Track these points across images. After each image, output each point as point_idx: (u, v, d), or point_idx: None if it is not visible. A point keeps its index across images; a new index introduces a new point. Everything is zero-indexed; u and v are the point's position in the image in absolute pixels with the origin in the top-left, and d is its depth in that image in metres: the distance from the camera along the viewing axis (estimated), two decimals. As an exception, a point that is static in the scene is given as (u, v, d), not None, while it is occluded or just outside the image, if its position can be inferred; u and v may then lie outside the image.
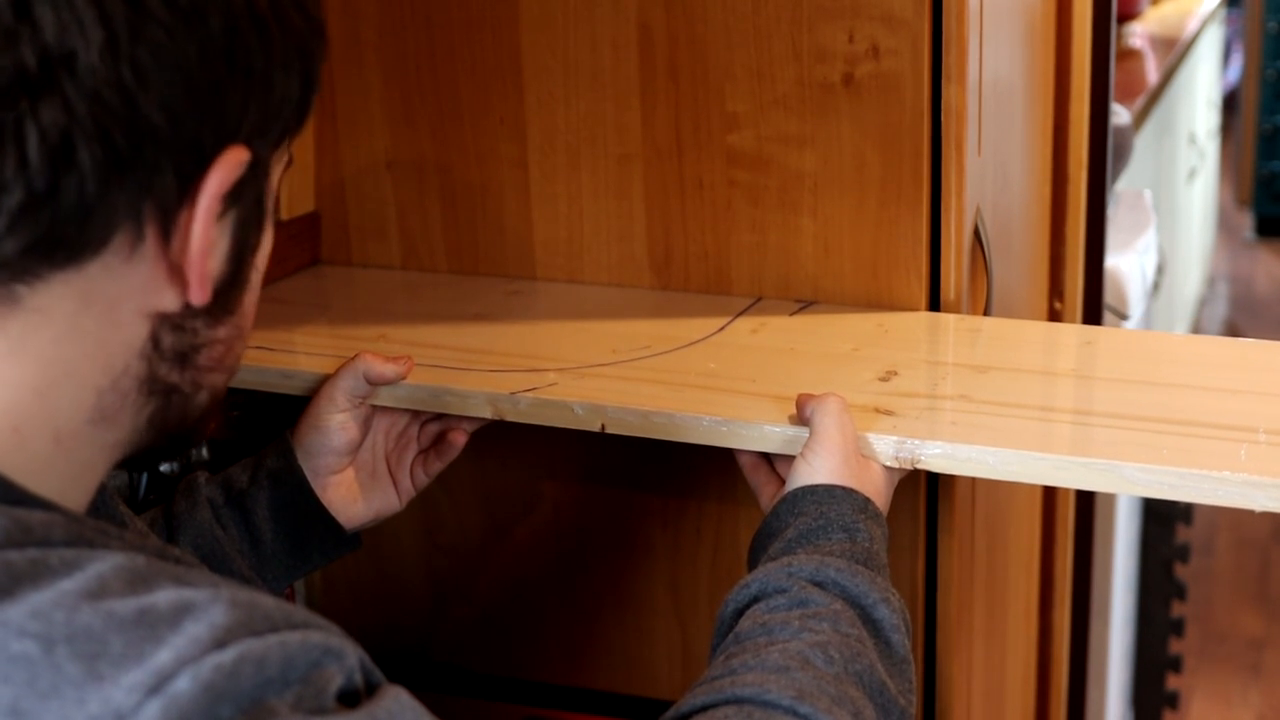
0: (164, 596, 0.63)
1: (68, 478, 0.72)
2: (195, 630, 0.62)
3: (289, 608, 0.66)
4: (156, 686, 0.60)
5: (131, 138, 0.65)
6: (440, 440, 1.17)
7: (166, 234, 0.69)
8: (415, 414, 1.16)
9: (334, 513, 1.11)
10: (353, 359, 1.11)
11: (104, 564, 0.64)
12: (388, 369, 1.10)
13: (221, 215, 0.71)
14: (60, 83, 0.63)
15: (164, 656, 0.61)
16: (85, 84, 0.63)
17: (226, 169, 0.69)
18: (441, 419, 1.16)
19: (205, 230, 0.69)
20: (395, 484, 1.15)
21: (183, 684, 0.60)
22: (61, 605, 0.61)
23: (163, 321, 0.72)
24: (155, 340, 0.72)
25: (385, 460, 1.15)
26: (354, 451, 1.12)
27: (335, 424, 1.10)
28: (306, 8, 0.72)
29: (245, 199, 0.73)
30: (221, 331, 0.75)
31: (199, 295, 0.71)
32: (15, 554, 0.63)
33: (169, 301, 0.71)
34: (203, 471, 1.11)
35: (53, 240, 0.65)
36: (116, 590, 0.63)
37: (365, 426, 1.12)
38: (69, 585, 0.62)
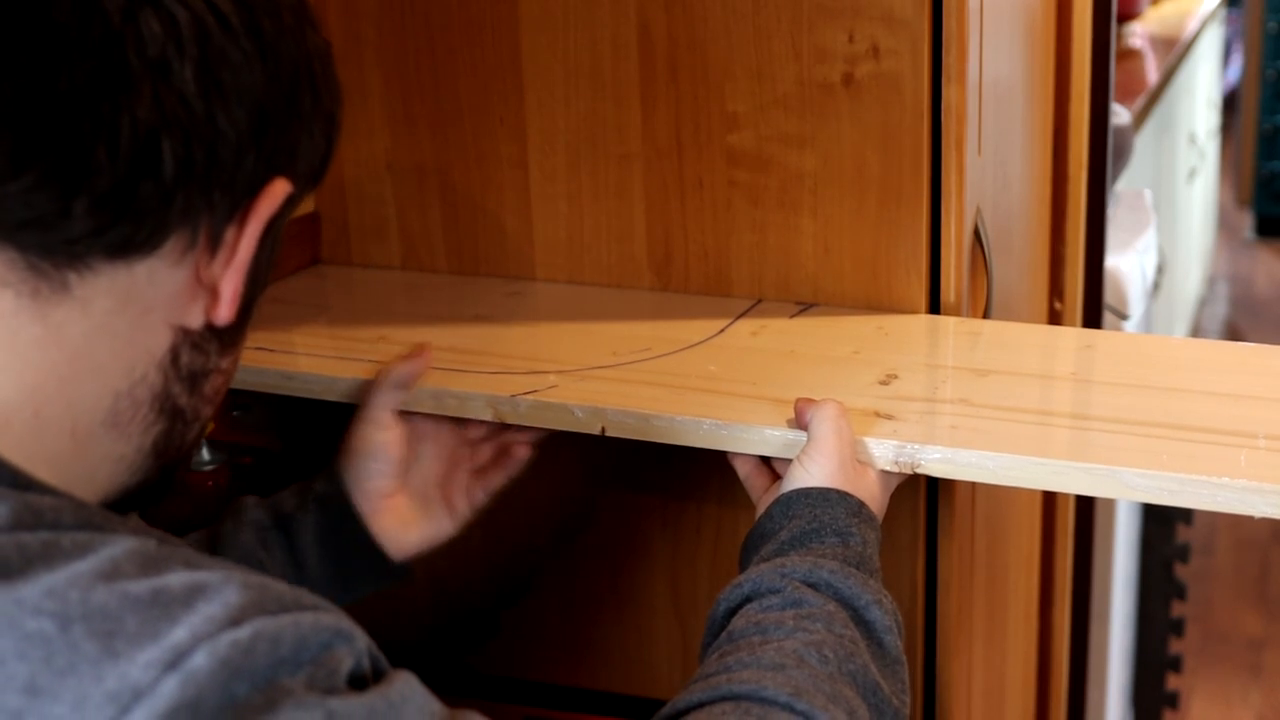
0: (176, 578, 0.64)
1: (78, 479, 0.73)
2: (210, 609, 0.63)
3: (299, 591, 0.67)
4: (174, 662, 0.61)
5: (207, 147, 0.70)
6: (501, 454, 1.14)
7: (213, 247, 0.73)
8: (462, 432, 1.13)
9: (385, 539, 1.08)
10: (378, 375, 1.09)
11: (115, 547, 0.65)
12: (414, 365, 1.08)
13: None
14: (156, 85, 0.68)
15: (180, 634, 0.62)
16: (176, 91, 0.69)
17: (274, 197, 0.75)
18: (500, 432, 1.14)
19: (250, 247, 0.74)
20: (448, 506, 1.12)
21: (200, 660, 0.61)
22: (76, 585, 0.63)
23: (185, 338, 0.75)
24: (175, 354, 0.75)
25: (437, 483, 1.12)
26: (401, 473, 1.09)
27: (378, 443, 1.07)
28: (337, 86, 0.80)
29: (270, 236, 0.78)
30: (225, 362, 0.79)
31: (226, 312, 0.75)
32: (28, 535, 0.64)
33: (194, 318, 0.75)
34: (252, 495, 1.10)
35: (118, 231, 0.70)
36: (129, 572, 0.64)
37: (409, 444, 1.09)
38: (83, 566, 0.64)
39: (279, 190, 0.75)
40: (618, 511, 1.35)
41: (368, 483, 1.08)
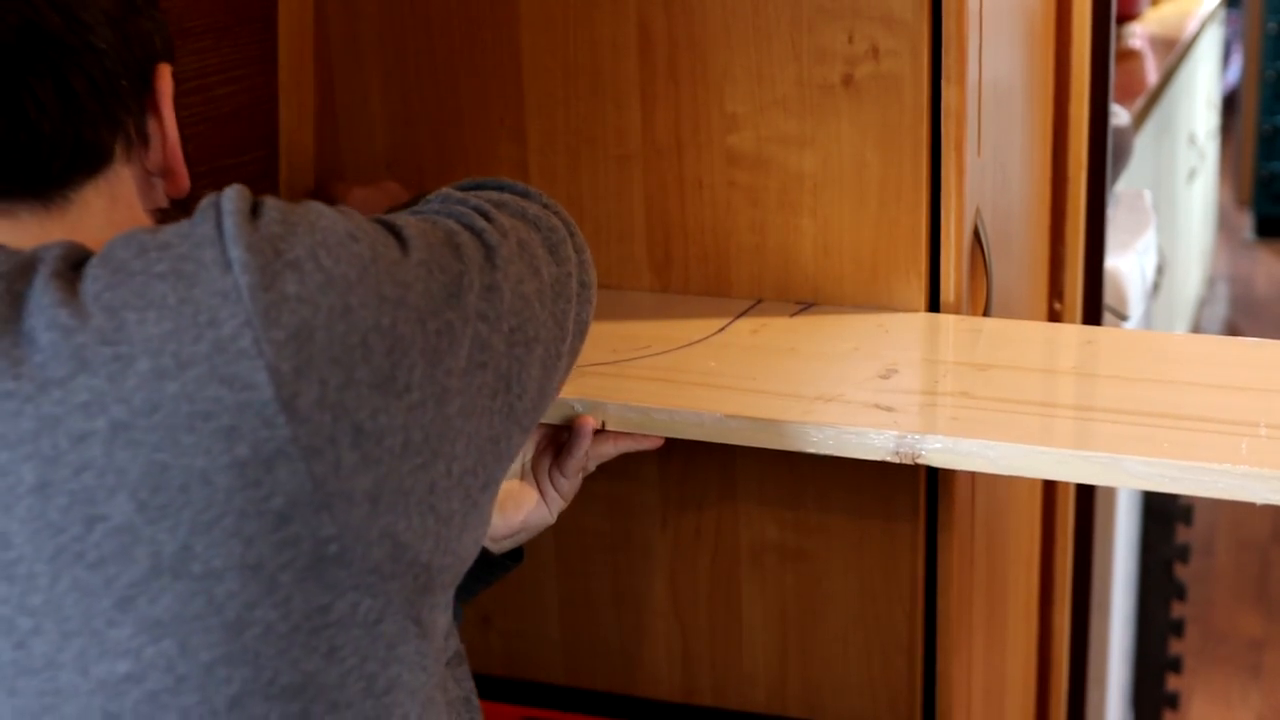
0: None
1: None
2: None
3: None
4: None
5: (102, 70, 0.82)
6: (571, 436, 1.10)
7: (145, 140, 0.86)
8: (560, 426, 1.11)
9: None
10: None
11: None
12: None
13: None
14: (44, 48, 0.80)
15: None
16: (64, 43, 0.81)
17: (164, 80, 0.87)
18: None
19: (174, 126, 0.87)
20: (542, 494, 1.11)
21: None
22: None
23: (162, 219, 0.86)
24: None
25: (530, 472, 1.10)
26: None
27: None
28: None
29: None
30: None
31: (185, 184, 0.88)
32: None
33: (161, 198, 0.88)
34: None
35: (75, 155, 0.82)
36: None
37: None
38: None
39: (165, 73, 0.87)
40: (618, 511, 1.35)
41: None
